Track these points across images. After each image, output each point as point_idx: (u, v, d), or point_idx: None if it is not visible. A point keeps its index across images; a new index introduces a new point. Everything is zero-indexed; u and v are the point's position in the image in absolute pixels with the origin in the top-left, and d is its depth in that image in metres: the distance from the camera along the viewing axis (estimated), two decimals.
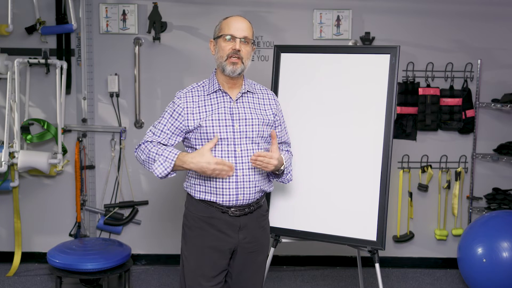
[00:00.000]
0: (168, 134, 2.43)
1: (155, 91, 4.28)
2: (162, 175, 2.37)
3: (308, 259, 4.42)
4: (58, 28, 4.14)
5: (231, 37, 2.40)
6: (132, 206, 4.31)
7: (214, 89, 2.44)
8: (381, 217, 2.96)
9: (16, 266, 4.20)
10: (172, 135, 2.44)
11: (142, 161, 2.44)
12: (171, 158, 2.34)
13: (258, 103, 2.53)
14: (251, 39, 2.44)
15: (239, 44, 2.39)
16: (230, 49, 2.39)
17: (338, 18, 4.20)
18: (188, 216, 2.48)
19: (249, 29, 2.44)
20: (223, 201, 2.40)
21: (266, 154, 2.38)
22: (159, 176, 2.37)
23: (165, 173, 2.36)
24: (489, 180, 4.34)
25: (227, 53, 2.39)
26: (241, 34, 2.40)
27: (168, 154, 2.35)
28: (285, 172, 2.57)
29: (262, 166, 2.38)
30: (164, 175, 2.37)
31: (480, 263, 3.62)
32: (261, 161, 2.37)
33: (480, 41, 4.25)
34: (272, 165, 2.39)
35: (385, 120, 2.97)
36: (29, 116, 4.20)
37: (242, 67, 2.41)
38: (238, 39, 2.39)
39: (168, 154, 2.36)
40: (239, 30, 2.40)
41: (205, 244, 2.43)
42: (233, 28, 2.41)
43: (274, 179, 2.61)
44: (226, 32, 2.41)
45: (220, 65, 2.43)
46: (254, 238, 2.49)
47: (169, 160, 2.34)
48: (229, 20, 2.44)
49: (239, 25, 2.42)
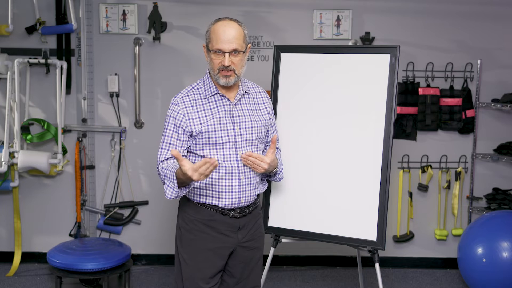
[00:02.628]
0: (179, 144, 2.38)
1: (155, 91, 4.28)
2: (173, 197, 2.28)
3: (308, 259, 4.42)
4: (58, 28, 4.14)
5: (219, 51, 2.31)
6: (132, 206, 4.31)
7: (212, 93, 2.40)
8: (381, 217, 2.96)
9: (16, 266, 4.20)
10: (183, 143, 2.38)
11: (162, 181, 2.34)
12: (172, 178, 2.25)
13: (254, 104, 2.52)
14: (241, 50, 2.33)
15: (228, 59, 2.30)
16: (220, 63, 2.31)
17: (338, 18, 4.20)
18: (186, 219, 2.46)
19: (239, 36, 2.32)
20: (225, 204, 2.40)
21: (258, 156, 2.38)
22: (170, 198, 2.28)
23: (175, 195, 2.27)
24: (489, 180, 4.34)
25: (217, 67, 2.33)
26: (230, 47, 2.29)
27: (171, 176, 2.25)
28: (277, 172, 2.59)
29: (252, 166, 2.38)
30: (174, 197, 2.27)
31: (480, 263, 3.62)
32: (252, 162, 2.36)
33: (480, 41, 4.25)
34: (262, 168, 2.39)
35: (385, 120, 2.97)
36: (29, 116, 4.20)
37: (235, 78, 2.36)
38: (227, 54, 2.30)
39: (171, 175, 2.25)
40: (226, 42, 2.28)
41: (206, 247, 2.42)
42: (220, 40, 2.29)
43: (265, 178, 2.62)
44: (214, 45, 2.30)
45: (214, 76, 2.37)
46: (251, 236, 2.51)
47: (173, 181, 2.25)
48: (217, 29, 2.31)
49: (226, 35, 2.29)
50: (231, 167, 2.38)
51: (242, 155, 2.36)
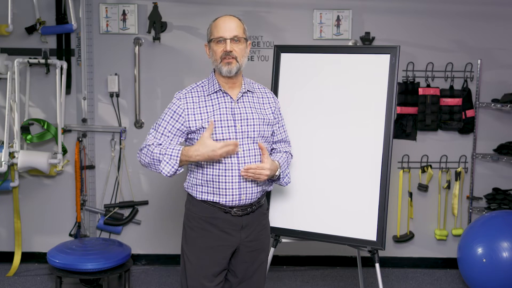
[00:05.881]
0: (170, 136, 2.42)
1: (155, 91, 4.28)
2: (170, 173, 2.36)
3: (308, 259, 4.42)
4: (58, 28, 4.14)
5: (221, 39, 2.39)
6: (132, 206, 4.32)
7: (215, 90, 2.44)
8: (381, 217, 2.96)
9: (16, 266, 4.20)
10: (173, 137, 2.43)
11: (148, 164, 2.43)
12: (175, 155, 2.34)
13: (258, 102, 2.53)
14: (242, 37, 2.43)
15: (229, 45, 2.39)
16: (222, 51, 2.39)
17: (338, 18, 4.20)
18: (190, 217, 2.48)
19: (239, 27, 2.43)
20: (226, 201, 2.41)
21: (257, 165, 2.38)
22: (167, 175, 2.37)
23: (173, 171, 2.36)
24: (489, 180, 4.34)
25: (220, 55, 2.40)
26: (230, 34, 2.39)
27: (172, 152, 2.35)
28: (281, 176, 2.57)
29: (254, 178, 2.39)
30: (172, 173, 2.36)
31: (480, 263, 3.62)
32: (252, 173, 2.38)
33: (480, 41, 4.25)
34: (264, 175, 2.40)
35: (385, 120, 2.97)
36: (29, 116, 4.20)
37: (237, 66, 2.41)
38: (228, 40, 2.39)
39: (171, 152, 2.35)
40: (227, 31, 2.39)
41: (208, 244, 2.43)
42: (222, 29, 2.40)
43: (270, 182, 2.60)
44: (215, 35, 2.41)
45: (217, 68, 2.44)
46: (255, 236, 2.50)
47: (174, 158, 2.34)
48: (217, 22, 2.43)
49: (227, 25, 2.40)
50: (231, 164, 2.39)
51: (242, 171, 2.38)
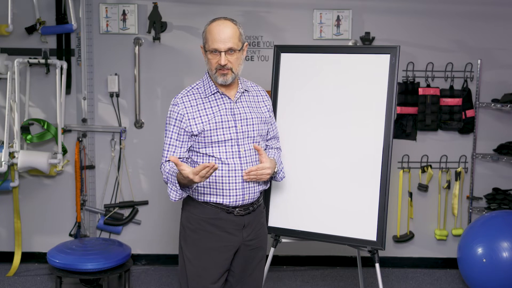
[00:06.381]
0: (178, 145, 2.41)
1: (155, 91, 4.28)
2: (176, 199, 2.35)
3: (308, 259, 4.42)
4: (58, 28, 4.14)
5: (215, 51, 2.35)
6: (132, 206, 4.32)
7: (212, 91, 2.43)
8: (381, 217, 2.96)
9: (16, 266, 4.20)
10: (184, 143, 2.41)
11: (166, 183, 2.41)
12: (174, 181, 2.32)
13: (254, 101, 2.54)
14: (237, 48, 2.37)
15: (224, 58, 2.34)
16: (217, 63, 2.35)
17: (338, 18, 4.20)
18: (190, 218, 2.46)
19: (234, 35, 2.35)
20: (230, 202, 2.41)
21: (257, 166, 2.40)
22: (174, 200, 2.36)
23: (179, 197, 2.35)
24: (489, 180, 4.34)
25: (214, 67, 2.37)
26: (225, 47, 2.33)
27: (173, 179, 2.32)
28: (278, 172, 2.59)
29: (257, 179, 2.40)
30: (178, 198, 2.35)
31: (480, 263, 3.62)
32: (254, 175, 2.39)
33: (480, 41, 4.25)
34: (266, 174, 2.42)
35: (385, 120, 2.97)
36: (29, 116, 4.20)
37: (233, 76, 2.39)
38: (223, 53, 2.34)
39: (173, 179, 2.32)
40: (222, 42, 2.33)
41: (211, 246, 2.43)
42: (216, 40, 2.33)
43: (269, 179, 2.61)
44: (210, 45, 2.35)
45: (212, 75, 2.42)
46: (255, 235, 2.51)
47: (175, 184, 2.32)
48: (212, 29, 2.36)
49: (221, 35, 2.33)
50: (234, 164, 2.39)
51: (244, 175, 2.38)
